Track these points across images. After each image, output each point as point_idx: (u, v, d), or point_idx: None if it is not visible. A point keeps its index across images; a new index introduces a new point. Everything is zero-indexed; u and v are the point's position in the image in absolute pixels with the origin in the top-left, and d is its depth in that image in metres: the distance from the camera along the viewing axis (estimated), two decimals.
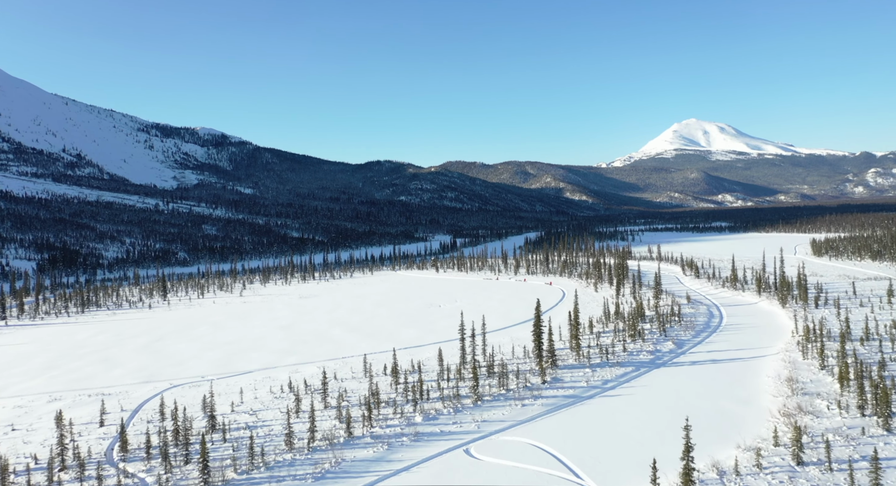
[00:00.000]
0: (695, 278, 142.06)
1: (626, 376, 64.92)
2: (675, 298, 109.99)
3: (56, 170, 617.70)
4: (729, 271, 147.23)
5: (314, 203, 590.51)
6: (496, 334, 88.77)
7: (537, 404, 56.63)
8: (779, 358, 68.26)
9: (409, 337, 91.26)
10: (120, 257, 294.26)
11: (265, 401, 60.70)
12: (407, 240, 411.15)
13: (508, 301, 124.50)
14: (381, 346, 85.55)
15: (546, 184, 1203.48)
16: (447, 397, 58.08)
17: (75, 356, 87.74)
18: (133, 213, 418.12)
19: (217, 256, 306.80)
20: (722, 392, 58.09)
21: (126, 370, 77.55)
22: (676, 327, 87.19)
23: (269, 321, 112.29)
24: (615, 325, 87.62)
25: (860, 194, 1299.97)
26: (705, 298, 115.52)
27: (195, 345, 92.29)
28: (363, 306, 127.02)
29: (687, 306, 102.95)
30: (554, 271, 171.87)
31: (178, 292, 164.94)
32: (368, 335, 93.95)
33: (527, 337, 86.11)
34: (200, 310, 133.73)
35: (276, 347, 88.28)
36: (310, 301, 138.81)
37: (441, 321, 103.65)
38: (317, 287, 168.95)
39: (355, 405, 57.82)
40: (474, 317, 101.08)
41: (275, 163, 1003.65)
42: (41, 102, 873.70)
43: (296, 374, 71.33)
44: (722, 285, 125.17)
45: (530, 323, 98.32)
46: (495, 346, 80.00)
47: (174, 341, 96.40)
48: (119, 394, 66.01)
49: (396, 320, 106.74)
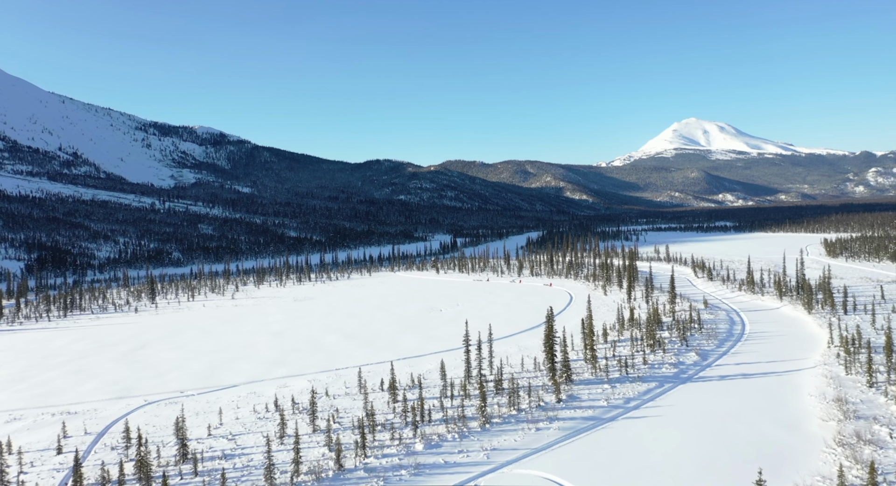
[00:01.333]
0: (708, 280, 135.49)
1: (649, 393, 58.39)
2: (692, 302, 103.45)
3: (52, 168, 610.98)
4: (744, 273, 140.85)
5: (312, 202, 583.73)
6: (502, 342, 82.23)
7: (553, 427, 50.08)
8: (818, 373, 61.70)
9: (408, 345, 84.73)
10: (112, 257, 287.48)
11: (247, 422, 54.14)
12: (406, 240, 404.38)
13: (513, 305, 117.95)
14: (379, 355, 79.05)
15: (546, 183, 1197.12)
16: (451, 419, 51.55)
17: (47, 367, 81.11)
18: (128, 212, 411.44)
19: (212, 256, 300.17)
20: (761, 414, 51.56)
21: (99, 383, 70.95)
22: (697, 335, 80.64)
23: (260, 327, 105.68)
24: (631, 333, 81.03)
25: (861, 194, 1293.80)
26: (722, 302, 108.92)
27: (178, 354, 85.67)
28: (360, 309, 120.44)
29: (705, 312, 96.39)
30: (559, 273, 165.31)
31: (168, 295, 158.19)
32: (365, 343, 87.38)
33: (535, 346, 79.70)
34: (189, 314, 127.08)
35: (265, 356, 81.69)
36: (304, 304, 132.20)
37: (442, 327, 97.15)
38: (312, 289, 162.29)
39: (348, 427, 51.30)
40: (477, 323, 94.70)
41: (273, 162, 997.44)
42: (38, 100, 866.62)
43: (283, 389, 64.78)
44: (738, 287, 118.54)
45: (538, 329, 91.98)
46: (502, 356, 73.46)
47: (156, 349, 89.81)
48: (87, 412, 59.43)
49: (395, 326, 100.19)
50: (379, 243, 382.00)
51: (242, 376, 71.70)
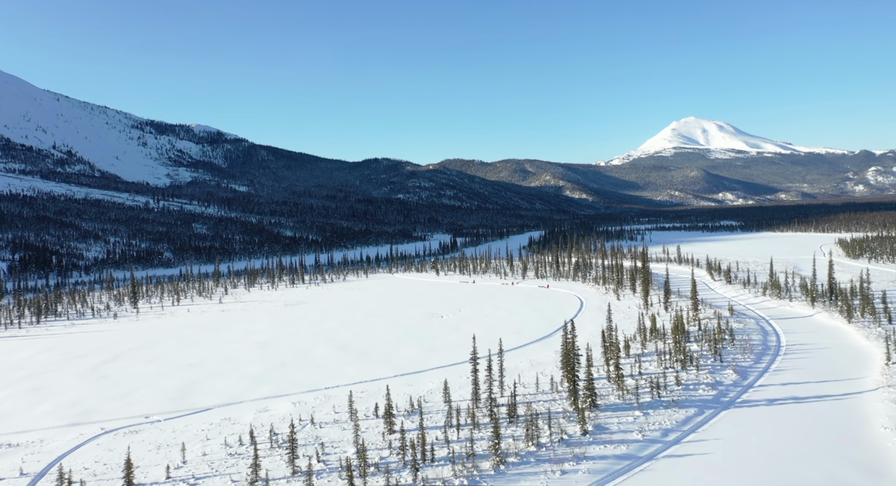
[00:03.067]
0: (726, 283, 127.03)
1: (689, 422, 49.93)
2: (717, 309, 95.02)
3: (45, 167, 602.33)
4: (763, 275, 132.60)
5: (310, 201, 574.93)
6: (511, 354, 73.72)
7: (581, 469, 41.58)
8: (884, 398, 53.28)
9: (406, 358, 76.22)
10: (100, 257, 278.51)
11: (215, 460, 45.56)
12: (405, 239, 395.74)
13: (519, 311, 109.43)
14: (374, 371, 70.54)
15: (545, 182, 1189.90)
16: (458, 458, 43.02)
17: (3, 384, 72.45)
18: (121, 211, 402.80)
19: (204, 256, 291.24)
20: (829, 451, 43.13)
21: (56, 405, 62.32)
22: (730, 348, 72.15)
23: (245, 335, 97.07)
24: (655, 345, 72.64)
25: (861, 193, 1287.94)
26: (747, 308, 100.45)
27: (151, 368, 77.05)
28: (355, 316, 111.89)
29: (732, 320, 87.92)
30: (565, 275, 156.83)
31: (152, 298, 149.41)
32: (359, 356, 78.83)
33: (548, 360, 71.24)
34: (171, 320, 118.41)
35: (248, 371, 73.10)
36: (296, 310, 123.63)
37: (444, 337, 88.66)
38: (305, 292, 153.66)
39: (335, 468, 42.79)
40: (482, 331, 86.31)
41: (271, 160, 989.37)
42: (32, 98, 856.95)
43: (264, 413, 56.25)
44: (762, 292, 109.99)
45: (549, 340, 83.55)
46: (513, 372, 64.98)
47: (128, 362, 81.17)
48: (30, 445, 50.81)
49: (392, 335, 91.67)
50: (377, 242, 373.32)
51: (219, 396, 63.11)
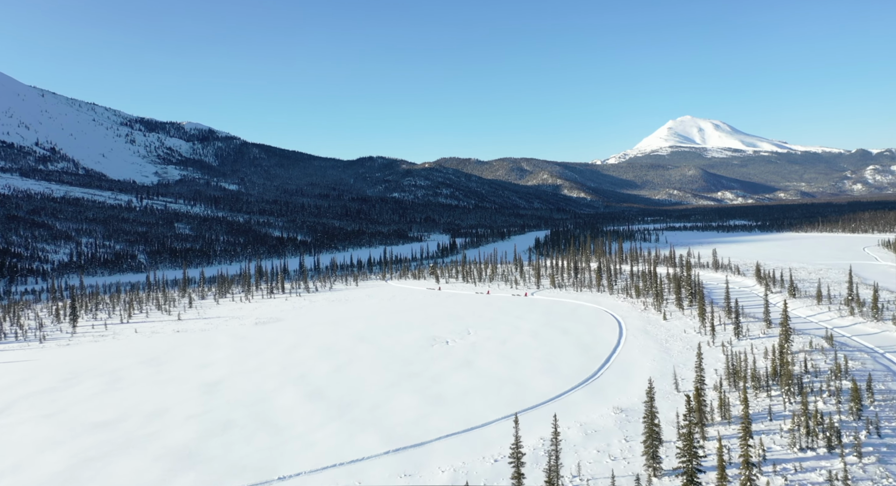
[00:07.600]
0: (790, 297, 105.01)
1: None
2: (812, 338, 73.07)
3: (26, 164, 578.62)
4: (831, 285, 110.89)
5: (301, 200, 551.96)
6: (548, 409, 51.46)
7: None
8: None
9: (403, 414, 53.96)
10: (64, 261, 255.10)
11: None
12: (400, 240, 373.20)
13: (545, 335, 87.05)
14: (355, 439, 48.28)
15: (543, 181, 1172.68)
16: None
17: None
18: (100, 210, 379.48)
19: (180, 259, 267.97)
20: None
21: None
22: (868, 403, 50.29)
23: (193, 371, 74.56)
24: (757, 397, 50.67)
25: (860, 192, 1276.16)
26: (840, 334, 78.57)
27: (41, 431, 54.51)
28: (338, 340, 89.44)
29: (842, 355, 65.93)
30: (588, 284, 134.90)
31: (100, 313, 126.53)
32: (336, 410, 56.39)
33: (607, 424, 48.92)
34: (110, 345, 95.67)
35: (173, 440, 50.64)
36: (267, 331, 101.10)
37: (452, 375, 66.30)
38: (283, 306, 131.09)
39: None
40: (501, 367, 64.65)
41: (263, 158, 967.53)
42: (15, 94, 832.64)
43: None
44: (850, 311, 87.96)
45: (596, 382, 61.23)
46: (568, 450, 42.82)
47: (18, 418, 58.63)
48: None
49: (383, 372, 69.31)
50: (370, 243, 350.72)
51: None
